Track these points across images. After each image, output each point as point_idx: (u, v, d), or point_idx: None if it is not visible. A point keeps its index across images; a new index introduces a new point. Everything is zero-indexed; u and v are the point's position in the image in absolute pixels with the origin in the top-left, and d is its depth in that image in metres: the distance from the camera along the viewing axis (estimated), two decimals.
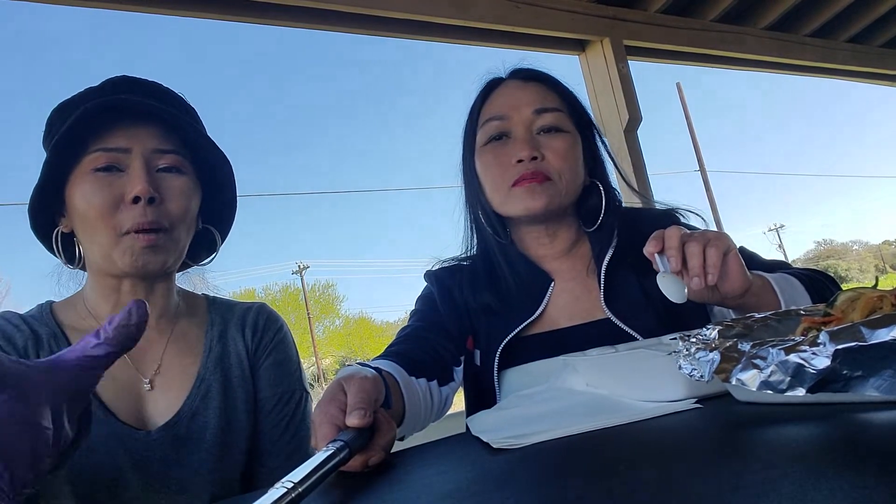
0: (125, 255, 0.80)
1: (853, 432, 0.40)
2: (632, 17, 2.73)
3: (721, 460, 0.39)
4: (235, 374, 0.91)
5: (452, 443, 0.63)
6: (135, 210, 0.79)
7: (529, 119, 0.99)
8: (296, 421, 0.92)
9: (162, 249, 0.82)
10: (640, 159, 2.60)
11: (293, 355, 0.98)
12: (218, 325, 0.94)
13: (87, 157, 0.80)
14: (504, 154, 0.98)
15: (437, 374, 0.90)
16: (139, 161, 0.81)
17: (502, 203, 0.99)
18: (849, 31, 3.46)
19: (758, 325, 0.62)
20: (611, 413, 0.59)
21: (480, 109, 1.03)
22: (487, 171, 1.00)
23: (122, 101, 0.81)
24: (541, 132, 0.99)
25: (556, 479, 0.43)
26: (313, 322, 30.62)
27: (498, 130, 1.00)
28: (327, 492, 0.52)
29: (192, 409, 0.85)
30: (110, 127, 0.81)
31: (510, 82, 1.05)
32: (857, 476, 0.31)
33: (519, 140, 0.97)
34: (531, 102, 1.00)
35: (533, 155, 0.95)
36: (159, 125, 0.84)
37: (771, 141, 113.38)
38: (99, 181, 0.80)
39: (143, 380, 0.85)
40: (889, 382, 0.39)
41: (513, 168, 0.96)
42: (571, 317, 0.99)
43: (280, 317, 1.02)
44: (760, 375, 0.45)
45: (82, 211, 0.80)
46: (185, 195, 0.85)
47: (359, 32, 2.18)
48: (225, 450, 0.85)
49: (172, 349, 0.89)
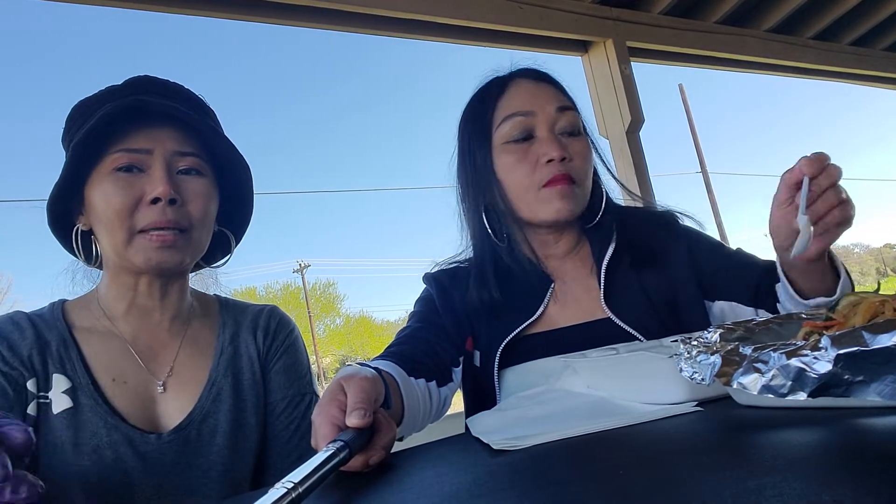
0: (138, 253, 0.80)
1: (855, 437, 0.40)
2: (635, 18, 2.72)
3: (721, 464, 0.39)
4: (246, 377, 0.91)
5: (452, 443, 0.63)
6: (154, 210, 0.80)
7: (553, 117, 0.97)
8: (306, 423, 0.92)
9: (178, 248, 0.82)
10: (641, 160, 2.60)
11: (303, 359, 0.99)
12: (230, 327, 0.94)
13: (109, 157, 0.81)
14: (532, 153, 0.95)
15: (436, 374, 0.90)
16: (160, 162, 0.82)
17: (528, 203, 0.97)
18: (852, 34, 3.45)
19: (759, 328, 0.62)
20: (611, 415, 0.59)
21: (495, 106, 1.00)
22: (512, 169, 0.97)
23: (143, 103, 0.81)
24: (562, 134, 0.97)
25: (555, 481, 0.43)
26: (314, 321, 30.67)
27: (523, 127, 0.96)
28: (327, 492, 0.52)
29: (204, 412, 0.85)
30: (132, 128, 0.82)
31: (522, 81, 1.02)
32: (859, 481, 0.30)
33: (546, 139, 0.95)
34: (552, 100, 0.98)
35: (563, 155, 0.94)
36: (180, 127, 0.85)
37: (772, 143, 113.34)
38: (120, 181, 0.80)
39: (156, 382, 0.85)
40: (891, 388, 0.39)
41: (544, 168, 0.94)
42: (571, 316, 0.99)
43: (291, 320, 1.02)
44: (762, 379, 0.45)
45: (101, 209, 0.80)
46: (204, 197, 0.85)
47: (360, 32, 2.18)
48: (235, 452, 0.85)
49: (185, 351, 0.89)
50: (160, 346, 0.88)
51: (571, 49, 2.68)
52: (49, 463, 0.76)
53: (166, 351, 0.88)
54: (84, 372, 0.81)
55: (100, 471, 0.77)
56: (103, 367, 0.83)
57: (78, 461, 0.77)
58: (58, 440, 0.77)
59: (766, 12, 3.07)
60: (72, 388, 0.80)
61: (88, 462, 0.77)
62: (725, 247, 1.05)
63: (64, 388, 0.80)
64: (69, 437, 0.77)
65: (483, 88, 1.05)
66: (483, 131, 1.00)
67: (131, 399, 0.82)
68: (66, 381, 0.80)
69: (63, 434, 0.77)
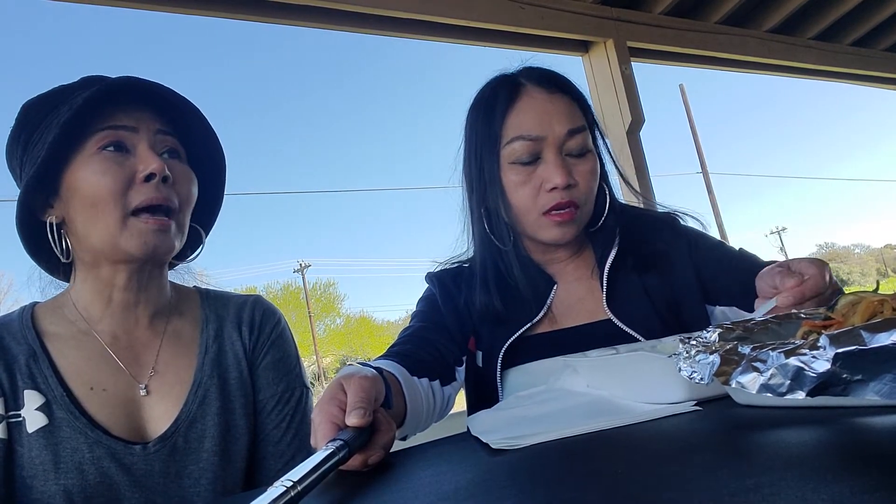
0: (133, 237, 0.77)
1: (853, 436, 0.40)
2: (635, 18, 2.72)
3: (720, 463, 0.39)
4: (233, 376, 0.87)
5: (452, 443, 0.63)
6: (148, 187, 0.77)
7: (562, 139, 0.95)
8: (297, 420, 0.89)
9: (171, 234, 0.80)
10: (642, 161, 2.59)
11: (292, 350, 0.95)
12: (213, 323, 0.90)
13: (93, 137, 0.77)
14: (537, 177, 0.95)
15: (440, 373, 0.90)
16: (147, 141, 0.79)
17: (529, 224, 0.98)
18: (852, 34, 3.45)
19: (758, 328, 0.62)
20: (610, 415, 0.59)
21: (505, 117, 0.97)
22: (517, 191, 0.96)
23: (132, 80, 0.79)
24: (569, 155, 0.96)
25: (554, 480, 0.43)
26: (314, 321, 30.64)
27: (531, 151, 0.95)
28: (327, 491, 0.52)
29: (190, 417, 0.81)
30: (114, 109, 0.79)
31: (536, 93, 0.97)
32: (857, 480, 0.30)
33: (551, 164, 0.94)
34: (563, 121, 0.95)
35: (567, 183, 0.93)
36: (160, 108, 0.82)
37: (773, 143, 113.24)
38: (109, 159, 0.77)
39: (138, 386, 0.81)
40: (889, 387, 0.39)
41: (546, 195, 0.94)
42: (574, 317, 0.99)
43: (277, 309, 0.97)
44: (760, 378, 0.45)
45: (91, 191, 0.76)
46: (189, 180, 0.84)
47: (360, 32, 2.18)
48: (225, 457, 0.82)
49: (167, 349, 0.85)
50: (141, 346, 0.84)
51: (572, 49, 2.68)
52: (30, 485, 0.72)
53: (147, 350, 0.84)
54: (57, 384, 0.76)
55: (84, 489, 0.73)
56: (79, 376, 0.78)
57: (60, 480, 0.73)
58: (36, 460, 0.73)
59: (766, 13, 3.07)
60: (46, 404, 0.75)
61: (72, 481, 0.73)
62: (727, 248, 1.05)
63: (37, 404, 0.75)
64: (48, 456, 0.73)
65: (493, 89, 1.01)
66: (491, 142, 0.98)
67: (112, 407, 0.78)
68: (38, 397, 0.75)
69: (42, 454, 0.73)
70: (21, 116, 0.82)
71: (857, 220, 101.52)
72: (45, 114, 0.79)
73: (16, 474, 0.73)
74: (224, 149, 0.92)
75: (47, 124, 0.78)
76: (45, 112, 0.80)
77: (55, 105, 0.79)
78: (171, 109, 0.84)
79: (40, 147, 0.77)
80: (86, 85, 0.82)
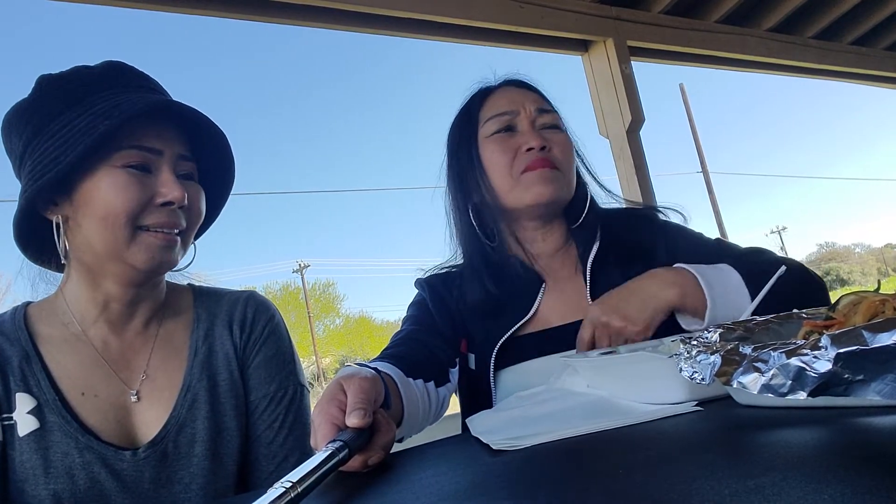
0: (141, 251, 0.77)
1: (854, 436, 0.40)
2: (635, 17, 2.72)
3: (721, 464, 0.38)
4: (223, 378, 0.86)
5: (452, 443, 0.63)
6: (162, 212, 0.78)
7: (534, 115, 1.03)
8: (289, 420, 0.88)
9: (175, 250, 0.81)
10: (642, 160, 2.59)
11: (286, 347, 0.93)
12: (204, 322, 0.89)
13: (121, 153, 0.77)
14: (514, 143, 1.00)
15: (434, 375, 0.91)
16: (169, 165, 0.80)
17: (510, 189, 1.00)
18: (852, 33, 3.45)
19: (759, 328, 0.62)
20: (611, 415, 0.59)
21: (480, 108, 1.06)
22: (495, 158, 1.01)
23: (167, 104, 0.80)
24: (543, 128, 1.02)
25: (555, 481, 0.42)
26: (313, 321, 30.65)
27: (506, 122, 1.02)
28: (327, 492, 0.52)
29: (180, 421, 0.81)
30: (145, 125, 0.79)
31: (507, 87, 1.08)
32: (859, 480, 0.30)
33: (527, 131, 1.01)
34: (534, 102, 1.05)
35: (542, 145, 0.99)
36: (184, 129, 0.83)
37: (773, 143, 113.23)
38: (132, 178, 0.77)
39: (129, 392, 0.81)
40: (891, 387, 0.39)
41: (523, 155, 0.99)
42: (562, 315, 1.00)
43: (271, 304, 0.96)
44: (762, 379, 0.45)
45: (106, 204, 0.76)
46: (201, 202, 0.85)
47: (360, 31, 2.18)
48: (216, 460, 0.81)
49: (158, 354, 0.85)
50: (133, 351, 0.83)
51: (572, 48, 2.68)
52: (20, 488, 0.73)
53: (139, 356, 0.83)
54: (50, 387, 0.76)
55: (74, 494, 0.73)
56: (71, 381, 0.78)
57: (50, 485, 0.73)
58: (27, 463, 0.73)
59: (766, 12, 3.07)
60: (37, 407, 0.75)
61: (62, 485, 0.73)
62: (703, 239, 1.07)
63: (29, 407, 0.75)
64: (39, 460, 0.73)
65: (471, 97, 1.10)
66: (469, 130, 1.05)
67: (104, 413, 0.78)
68: (30, 400, 0.75)
69: (32, 457, 0.73)
70: (37, 94, 0.80)
71: (858, 220, 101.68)
72: (64, 101, 0.77)
73: (8, 478, 0.73)
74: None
75: (68, 120, 0.76)
76: (63, 98, 0.78)
77: (75, 94, 0.77)
78: (195, 130, 0.85)
79: (60, 147, 0.75)
80: (109, 73, 0.81)
